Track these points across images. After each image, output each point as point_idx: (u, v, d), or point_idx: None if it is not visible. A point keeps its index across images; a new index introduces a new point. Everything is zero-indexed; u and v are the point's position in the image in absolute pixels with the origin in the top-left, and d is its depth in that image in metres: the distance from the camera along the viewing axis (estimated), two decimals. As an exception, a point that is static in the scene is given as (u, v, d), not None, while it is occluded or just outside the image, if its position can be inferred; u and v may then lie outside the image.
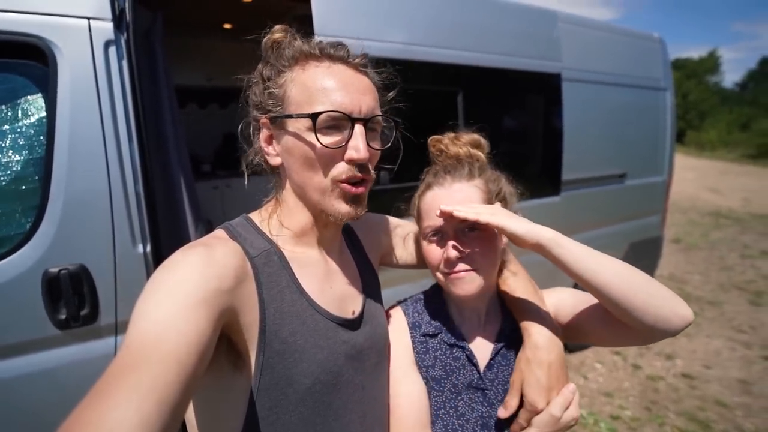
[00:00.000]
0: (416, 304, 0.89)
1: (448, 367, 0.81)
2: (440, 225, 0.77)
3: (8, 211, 1.29)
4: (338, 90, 0.63)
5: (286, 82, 0.66)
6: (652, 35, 3.38)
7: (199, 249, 0.58)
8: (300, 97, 0.64)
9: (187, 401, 0.47)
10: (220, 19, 3.59)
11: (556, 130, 2.68)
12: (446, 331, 0.83)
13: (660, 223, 3.62)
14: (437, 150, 0.87)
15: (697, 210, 9.81)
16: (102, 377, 0.43)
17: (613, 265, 0.68)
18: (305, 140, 0.64)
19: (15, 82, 1.31)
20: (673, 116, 3.53)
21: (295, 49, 0.67)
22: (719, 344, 3.65)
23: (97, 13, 1.36)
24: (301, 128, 0.64)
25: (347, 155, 0.64)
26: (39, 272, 1.28)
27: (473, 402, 0.80)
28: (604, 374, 3.17)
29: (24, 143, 1.31)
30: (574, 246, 0.70)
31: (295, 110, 0.65)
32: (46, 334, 1.32)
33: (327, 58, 0.66)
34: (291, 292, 0.66)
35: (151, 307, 0.50)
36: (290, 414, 0.64)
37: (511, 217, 0.73)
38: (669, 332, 0.67)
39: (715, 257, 6.20)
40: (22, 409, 1.30)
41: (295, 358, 0.63)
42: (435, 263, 0.79)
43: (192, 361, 0.47)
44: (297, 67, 0.66)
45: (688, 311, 0.67)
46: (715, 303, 4.52)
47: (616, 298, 0.67)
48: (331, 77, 0.64)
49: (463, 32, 2.22)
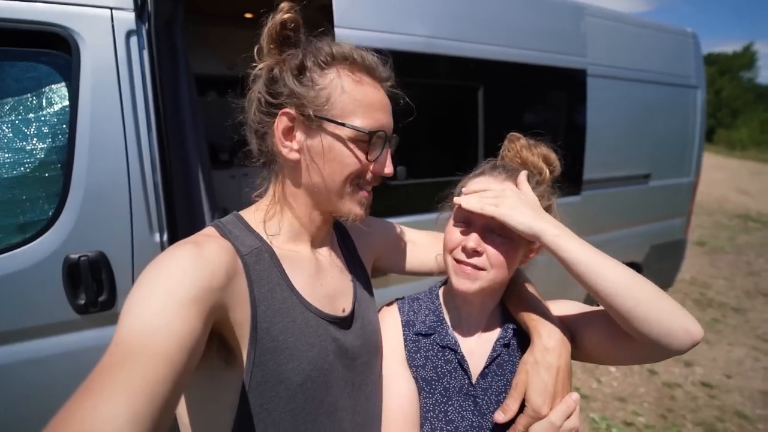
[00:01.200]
0: (412, 302, 0.89)
1: (440, 370, 0.80)
2: (470, 215, 0.76)
3: (32, 198, 1.33)
4: (381, 110, 0.69)
5: (332, 83, 0.66)
6: (684, 30, 3.24)
7: (189, 246, 0.58)
8: (347, 106, 0.66)
9: (178, 398, 0.47)
10: (241, 8, 3.59)
11: (578, 127, 2.60)
12: (439, 333, 0.82)
13: (684, 226, 3.50)
14: (510, 146, 0.87)
15: (725, 212, 9.48)
16: (92, 373, 0.43)
17: (619, 271, 0.65)
18: (348, 147, 0.67)
19: (39, 71, 1.34)
20: (704, 115, 3.39)
21: (340, 50, 0.67)
22: (742, 353, 3.53)
23: (120, 2, 1.37)
24: (342, 136, 0.66)
25: (385, 170, 0.72)
26: (60, 258, 1.32)
27: (464, 410, 0.78)
28: (619, 378, 3.11)
29: (47, 131, 1.33)
30: (579, 247, 0.67)
31: (339, 117, 0.66)
32: (65, 318, 1.36)
33: (371, 75, 0.70)
34: (282, 289, 0.67)
35: (141, 304, 0.50)
36: (281, 411, 0.64)
37: (515, 209, 0.71)
38: (675, 348, 0.64)
39: (742, 262, 5.99)
40: (41, 389, 1.34)
41: (286, 356, 0.64)
42: (451, 245, 0.78)
43: (183, 358, 0.47)
44: (345, 72, 0.67)
45: (697, 328, 0.63)
46: (740, 310, 4.38)
47: (620, 306, 0.64)
48: (377, 97, 0.69)
49: (485, 26, 2.16)
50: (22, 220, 1.31)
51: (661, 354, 0.66)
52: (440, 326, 0.83)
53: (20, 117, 1.30)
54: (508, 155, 0.88)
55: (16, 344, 1.31)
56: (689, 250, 4.89)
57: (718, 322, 4.09)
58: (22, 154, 1.30)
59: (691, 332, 0.63)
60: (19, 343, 1.32)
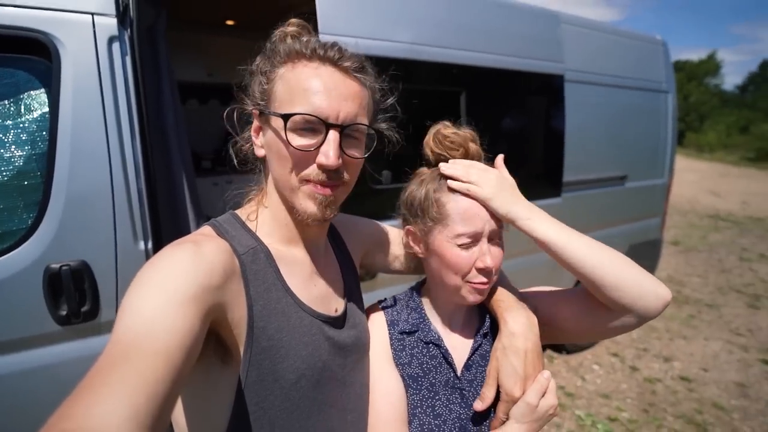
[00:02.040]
0: (395, 303, 0.90)
1: (425, 365, 0.82)
2: (478, 231, 0.75)
3: (10, 207, 1.29)
4: (318, 93, 0.63)
5: (275, 78, 0.66)
6: (654, 37, 3.38)
7: (188, 245, 0.58)
8: (283, 95, 0.65)
9: (176, 397, 0.47)
10: (223, 15, 3.57)
11: (557, 131, 2.68)
12: (422, 329, 0.84)
13: (659, 226, 3.63)
14: (453, 143, 0.81)
15: (697, 212, 9.84)
16: (90, 372, 0.43)
17: (590, 245, 0.70)
18: (281, 138, 0.64)
19: (18, 77, 1.31)
20: (675, 119, 3.53)
21: (288, 46, 0.67)
22: (717, 347, 3.66)
23: (102, 8, 1.36)
24: (279, 126, 0.64)
25: (317, 160, 0.64)
26: (40, 268, 1.28)
27: (451, 403, 0.80)
28: (602, 376, 3.18)
29: (27, 139, 1.30)
30: (550, 228, 0.73)
31: (277, 108, 0.65)
32: (46, 330, 1.32)
33: (317, 59, 0.65)
34: (277, 289, 0.67)
35: (140, 303, 0.49)
36: (276, 409, 0.65)
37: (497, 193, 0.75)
38: (650, 311, 0.69)
39: (714, 260, 6.22)
40: (22, 405, 1.30)
41: (281, 354, 0.64)
42: (464, 269, 0.75)
43: (181, 356, 0.47)
44: (288, 65, 0.66)
45: (665, 290, 0.69)
46: (714, 306, 4.54)
47: (594, 277, 0.69)
48: (315, 79, 0.63)
49: (466, 33, 2.22)
50: (0, 230, 1.28)
51: (638, 320, 0.71)
52: (423, 323, 0.84)
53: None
54: (446, 146, 0.81)
55: (-6, 358, 1.27)
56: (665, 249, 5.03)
57: (693, 318, 4.23)
58: (0, 162, 1.26)
59: (661, 294, 0.69)
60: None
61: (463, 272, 0.75)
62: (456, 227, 0.75)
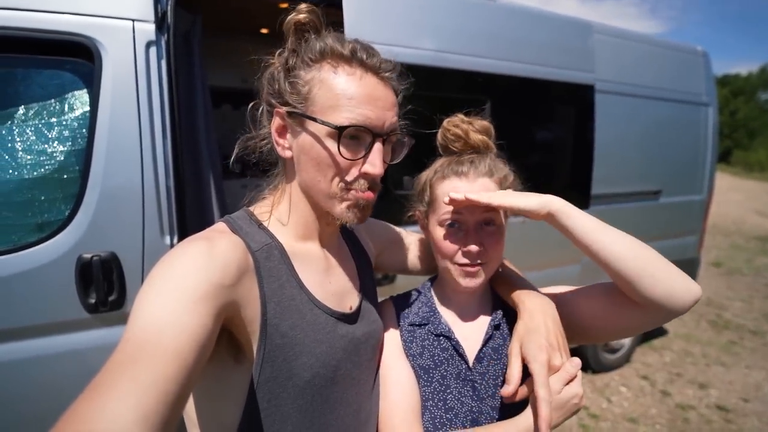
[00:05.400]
0: (405, 297, 0.91)
1: (437, 357, 0.81)
2: (462, 216, 0.78)
3: (51, 198, 1.38)
4: (367, 104, 0.63)
5: (313, 79, 0.64)
6: (694, 48, 3.25)
7: (202, 242, 0.57)
8: (326, 101, 0.63)
9: (187, 395, 0.47)
10: (257, 23, 3.71)
11: (587, 142, 2.61)
12: (432, 322, 0.84)
13: (697, 245, 3.44)
14: (454, 135, 0.84)
15: (743, 234, 9.26)
16: (102, 370, 0.43)
17: (622, 237, 0.70)
18: (324, 145, 0.64)
19: (64, 78, 1.41)
20: (716, 133, 3.36)
21: (327, 45, 0.64)
22: (760, 377, 3.41)
23: (141, 15, 1.44)
24: (321, 132, 0.63)
25: (364, 169, 0.65)
26: (73, 257, 1.36)
27: (463, 396, 0.79)
28: (630, 399, 3.02)
29: (68, 135, 1.39)
30: (584, 216, 0.71)
31: (319, 113, 0.63)
32: (76, 317, 1.39)
33: (358, 65, 0.64)
34: (291, 286, 0.66)
35: (153, 300, 0.49)
36: (288, 407, 0.64)
37: (519, 196, 0.75)
38: (678, 307, 0.67)
39: (760, 284, 5.82)
40: (49, 386, 1.37)
41: (295, 352, 0.64)
42: (450, 253, 0.79)
43: (193, 355, 0.46)
44: (327, 66, 0.64)
45: (696, 287, 0.68)
46: (758, 332, 4.24)
47: (627, 270, 0.67)
48: (362, 89, 0.63)
49: (494, 41, 2.21)
50: (39, 220, 1.36)
51: (665, 315, 0.69)
52: (433, 316, 0.85)
53: (43, 121, 1.36)
54: (455, 145, 0.84)
55: (25, 341, 1.35)
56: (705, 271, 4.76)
57: (734, 344, 3.96)
58: (44, 156, 1.36)
59: (692, 290, 0.67)
60: (29, 340, 1.35)
61: (448, 254, 0.79)
62: (440, 210, 0.79)
